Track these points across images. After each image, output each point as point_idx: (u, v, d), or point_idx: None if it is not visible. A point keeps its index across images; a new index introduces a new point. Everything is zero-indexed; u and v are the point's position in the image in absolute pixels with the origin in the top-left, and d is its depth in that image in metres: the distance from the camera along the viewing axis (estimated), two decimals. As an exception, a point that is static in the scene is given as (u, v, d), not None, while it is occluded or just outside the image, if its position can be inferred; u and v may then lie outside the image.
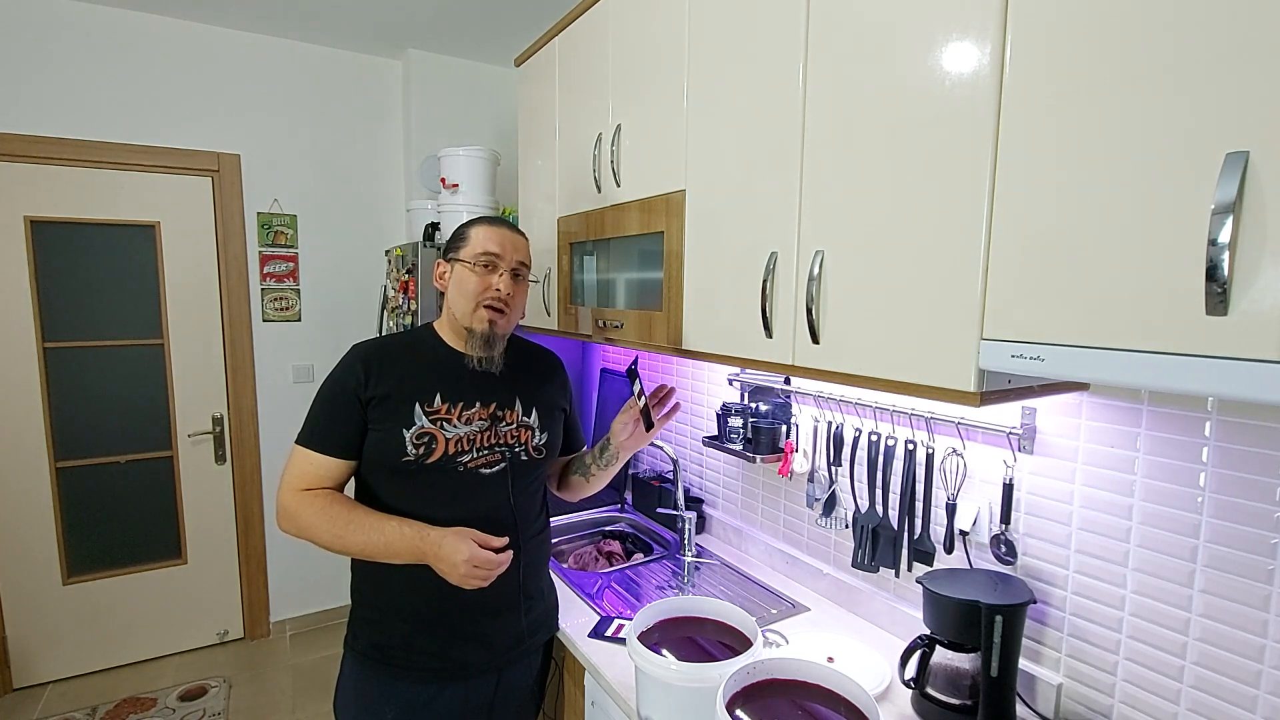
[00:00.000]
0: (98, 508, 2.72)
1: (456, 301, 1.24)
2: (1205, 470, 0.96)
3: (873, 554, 1.45)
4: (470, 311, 1.22)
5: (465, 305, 1.22)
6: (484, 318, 1.22)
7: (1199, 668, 0.98)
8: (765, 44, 1.18)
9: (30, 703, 2.56)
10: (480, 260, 1.22)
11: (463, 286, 1.23)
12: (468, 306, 1.22)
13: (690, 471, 2.10)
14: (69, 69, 2.48)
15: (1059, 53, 0.76)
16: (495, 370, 1.26)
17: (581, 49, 1.80)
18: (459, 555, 1.10)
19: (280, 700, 2.61)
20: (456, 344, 1.27)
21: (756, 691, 1.00)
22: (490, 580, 1.13)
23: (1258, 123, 0.61)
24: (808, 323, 1.09)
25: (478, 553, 1.11)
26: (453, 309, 1.25)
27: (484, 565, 1.11)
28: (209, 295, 2.81)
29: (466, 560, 1.10)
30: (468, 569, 1.10)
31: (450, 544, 1.11)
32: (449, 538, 1.12)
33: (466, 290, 1.22)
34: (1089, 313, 0.74)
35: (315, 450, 1.18)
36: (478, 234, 1.24)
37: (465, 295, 1.22)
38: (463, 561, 1.09)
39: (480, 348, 1.23)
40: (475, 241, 1.23)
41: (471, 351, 1.24)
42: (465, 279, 1.22)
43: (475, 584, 1.11)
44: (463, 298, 1.22)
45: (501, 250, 1.23)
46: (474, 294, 1.22)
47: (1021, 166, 0.80)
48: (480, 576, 1.11)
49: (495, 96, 3.10)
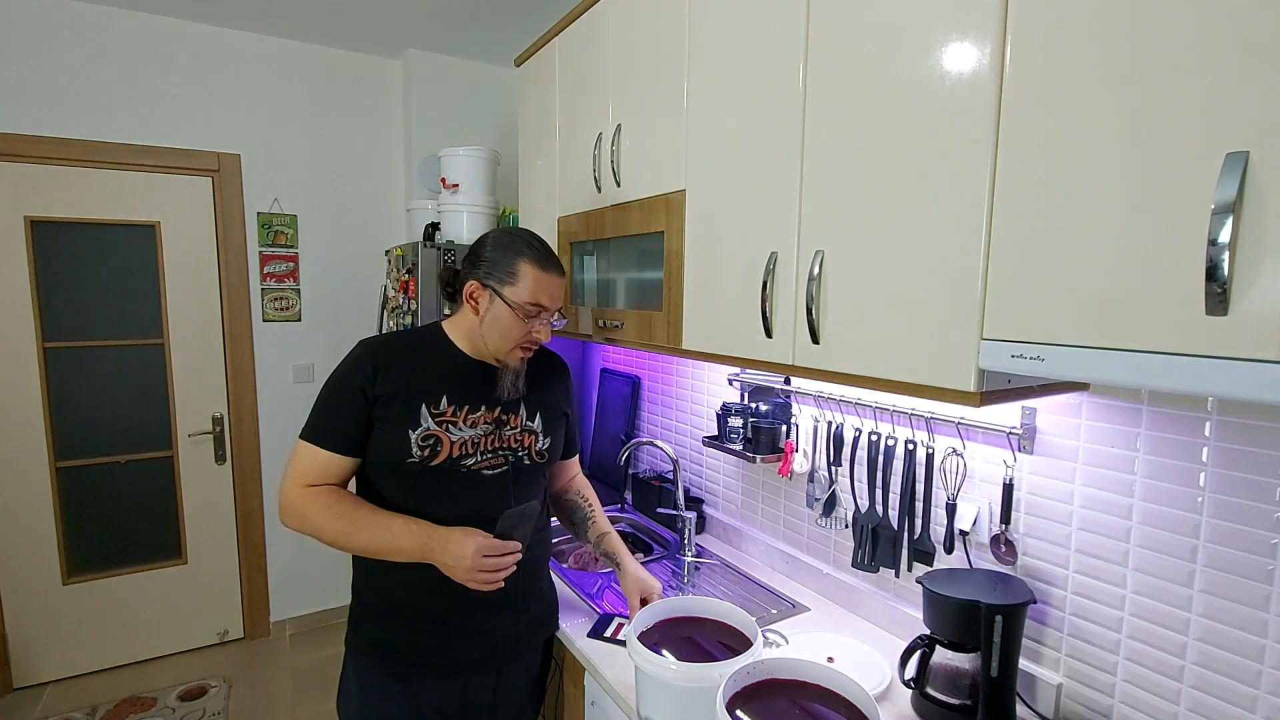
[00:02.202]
0: (98, 508, 2.72)
1: (493, 338, 1.22)
2: (1205, 470, 0.96)
3: (873, 554, 1.45)
4: (507, 351, 1.23)
5: (502, 344, 1.22)
6: (518, 357, 1.24)
7: (1199, 668, 0.98)
8: (765, 43, 1.18)
9: (30, 703, 2.56)
10: (529, 311, 1.20)
11: (504, 328, 1.21)
12: (505, 346, 1.22)
13: (690, 471, 2.10)
14: (69, 69, 2.48)
15: (1059, 52, 0.76)
16: (520, 396, 1.28)
17: (581, 49, 1.80)
18: (465, 550, 1.10)
19: (280, 700, 2.61)
20: (469, 350, 1.26)
21: (756, 691, 1.00)
22: (497, 583, 1.13)
23: (1258, 123, 0.61)
24: (808, 323, 1.09)
25: (484, 545, 1.12)
26: (486, 340, 1.22)
27: (492, 553, 1.12)
28: (209, 295, 2.81)
29: (474, 553, 1.10)
30: (475, 562, 1.10)
31: (458, 540, 1.11)
32: (456, 534, 1.12)
33: (509, 333, 1.21)
34: (1089, 313, 0.74)
35: (320, 445, 1.18)
36: (528, 278, 1.19)
37: (505, 337, 1.21)
38: (469, 555, 1.10)
39: (511, 381, 1.25)
40: (525, 286, 1.19)
41: (501, 384, 1.25)
42: (508, 321, 1.20)
43: (481, 581, 1.11)
44: (501, 338, 1.21)
45: (550, 303, 1.23)
46: (515, 338, 1.21)
47: (1021, 166, 0.80)
48: (488, 572, 1.11)
49: (495, 96, 3.10)
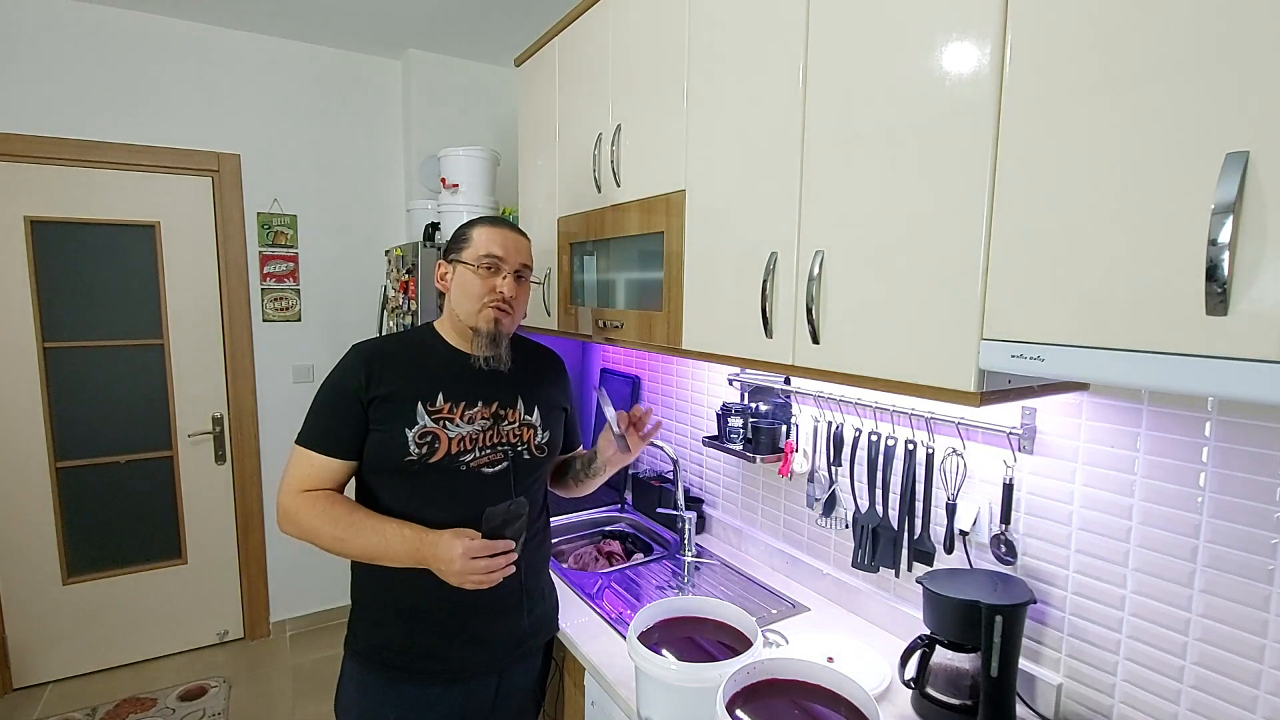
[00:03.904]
0: (98, 508, 2.72)
1: (460, 302, 1.24)
2: (1205, 470, 0.96)
3: (873, 554, 1.45)
4: (475, 312, 1.23)
5: (470, 306, 1.23)
6: (489, 316, 1.23)
7: (1199, 668, 0.98)
8: (765, 44, 1.18)
9: (30, 703, 2.56)
10: (484, 263, 1.22)
11: (466, 288, 1.23)
12: (472, 307, 1.23)
13: (690, 471, 2.10)
14: (69, 69, 2.48)
15: (1059, 52, 0.76)
16: (504, 368, 1.26)
17: (581, 49, 1.80)
18: (454, 551, 1.08)
19: (280, 701, 2.61)
20: (459, 343, 1.27)
21: (756, 691, 1.00)
22: (491, 580, 1.11)
23: (1258, 123, 0.61)
24: (808, 323, 1.09)
25: (472, 547, 1.09)
26: (456, 309, 1.25)
27: (481, 554, 1.09)
28: (209, 295, 2.81)
29: (461, 555, 1.08)
30: (464, 564, 1.08)
31: (446, 542, 1.10)
32: (445, 537, 1.11)
33: (470, 292, 1.23)
34: (1089, 313, 0.74)
35: (316, 451, 1.18)
36: (480, 235, 1.25)
37: (469, 296, 1.23)
38: (458, 557, 1.08)
39: (487, 346, 1.23)
40: (478, 243, 1.24)
41: (478, 351, 1.24)
42: (469, 281, 1.23)
43: (474, 582, 1.10)
44: (466, 299, 1.23)
45: (505, 253, 1.24)
46: (478, 295, 1.22)
47: (1021, 166, 0.80)
48: (480, 572, 1.09)
49: (495, 96, 3.10)
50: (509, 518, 1.12)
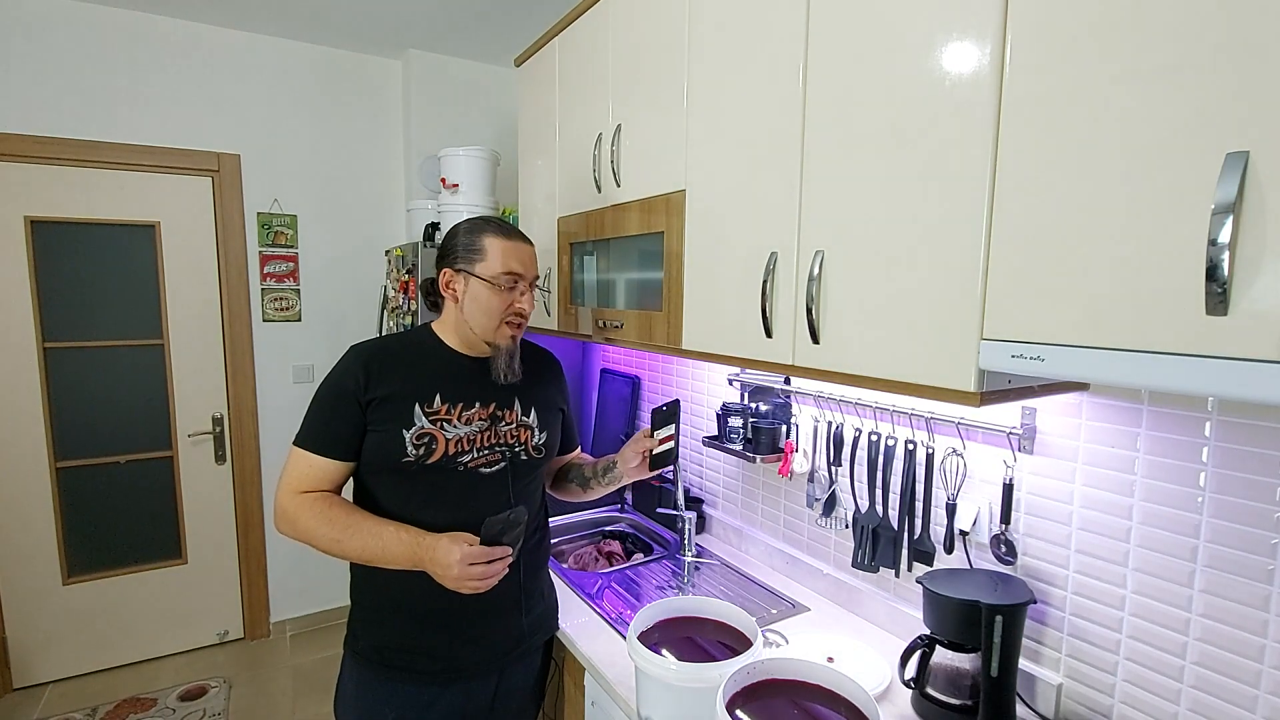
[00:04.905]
0: (98, 508, 2.72)
1: (476, 318, 1.23)
2: (1205, 470, 0.96)
3: (873, 554, 1.45)
4: (494, 329, 1.23)
5: (488, 322, 1.23)
6: (508, 334, 1.24)
7: (1199, 668, 0.98)
8: (765, 44, 1.18)
9: (30, 703, 2.56)
10: (504, 281, 1.21)
11: (484, 304, 1.22)
12: (491, 324, 1.23)
13: (690, 471, 2.10)
14: (69, 69, 2.48)
15: (1060, 52, 0.76)
16: (517, 380, 1.27)
17: (581, 49, 1.80)
18: (452, 557, 1.08)
19: (280, 701, 2.61)
20: (458, 346, 1.27)
21: (756, 691, 1.00)
22: (487, 586, 1.11)
23: (1258, 123, 0.61)
24: (808, 323, 1.09)
25: (470, 553, 1.08)
26: (470, 323, 1.23)
27: (479, 560, 1.08)
28: (209, 295, 2.81)
29: (460, 561, 1.07)
30: (461, 570, 1.07)
31: (444, 548, 1.09)
32: (443, 541, 1.10)
33: (490, 309, 1.22)
34: (1089, 313, 0.74)
35: (314, 452, 1.18)
36: (496, 249, 1.22)
37: (488, 313, 1.22)
38: (456, 563, 1.07)
39: (505, 363, 1.25)
40: (494, 259, 1.21)
41: (499, 368, 1.25)
42: (486, 298, 1.22)
43: (470, 588, 1.09)
44: (485, 315, 1.22)
45: (524, 269, 1.24)
46: (498, 312, 1.22)
47: (1021, 166, 0.80)
48: (476, 578, 1.09)
49: (495, 96, 3.10)
50: (508, 526, 1.13)
